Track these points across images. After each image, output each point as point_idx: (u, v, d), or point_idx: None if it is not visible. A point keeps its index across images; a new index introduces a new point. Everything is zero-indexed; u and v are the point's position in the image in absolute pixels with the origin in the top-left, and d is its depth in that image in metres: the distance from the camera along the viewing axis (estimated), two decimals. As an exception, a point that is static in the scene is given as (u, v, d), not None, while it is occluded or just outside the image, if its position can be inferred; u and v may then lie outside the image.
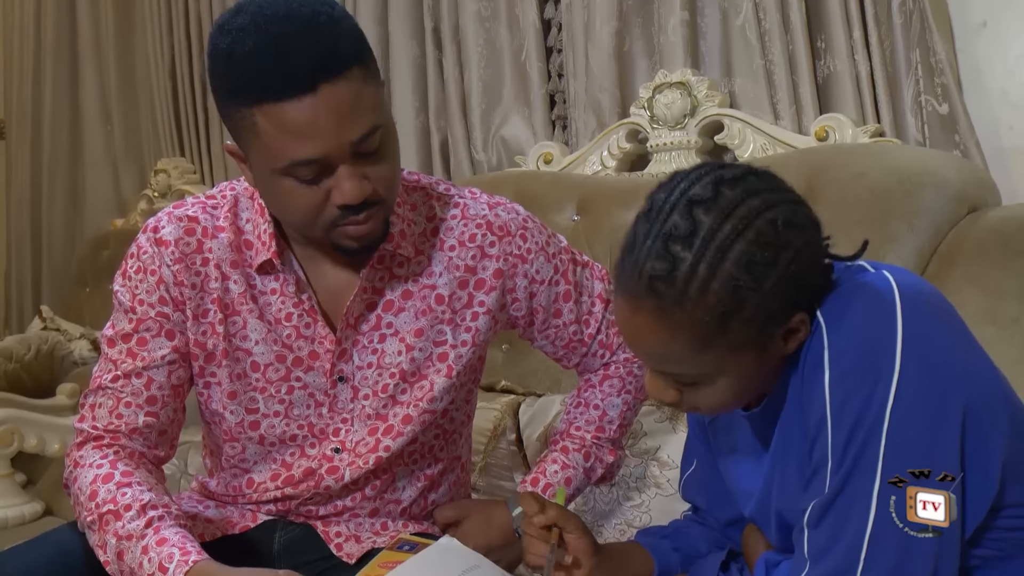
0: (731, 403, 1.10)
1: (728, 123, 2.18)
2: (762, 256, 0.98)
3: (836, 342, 1.00)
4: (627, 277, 1.02)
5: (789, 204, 1.02)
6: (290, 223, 1.27)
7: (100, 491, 1.22)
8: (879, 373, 0.96)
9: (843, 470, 0.98)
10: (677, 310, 0.99)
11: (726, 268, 0.97)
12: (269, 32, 1.10)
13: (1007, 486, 1.00)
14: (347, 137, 1.14)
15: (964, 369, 0.99)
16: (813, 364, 1.01)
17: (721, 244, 0.98)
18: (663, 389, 1.09)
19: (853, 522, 0.97)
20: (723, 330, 1.00)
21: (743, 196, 1.00)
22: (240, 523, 1.39)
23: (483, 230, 1.37)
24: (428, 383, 1.36)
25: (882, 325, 0.97)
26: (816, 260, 1.04)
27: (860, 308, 1.00)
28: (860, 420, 0.97)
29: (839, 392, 0.98)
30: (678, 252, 0.98)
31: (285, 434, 1.35)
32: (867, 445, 0.96)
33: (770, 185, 1.03)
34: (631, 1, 2.36)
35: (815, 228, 1.04)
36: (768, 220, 0.99)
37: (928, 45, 1.94)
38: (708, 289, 0.98)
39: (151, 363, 1.30)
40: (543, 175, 2.43)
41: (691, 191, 1.01)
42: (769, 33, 2.12)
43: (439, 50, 2.78)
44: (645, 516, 1.71)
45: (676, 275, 0.98)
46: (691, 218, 0.99)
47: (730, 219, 0.98)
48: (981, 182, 1.87)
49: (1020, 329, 1.59)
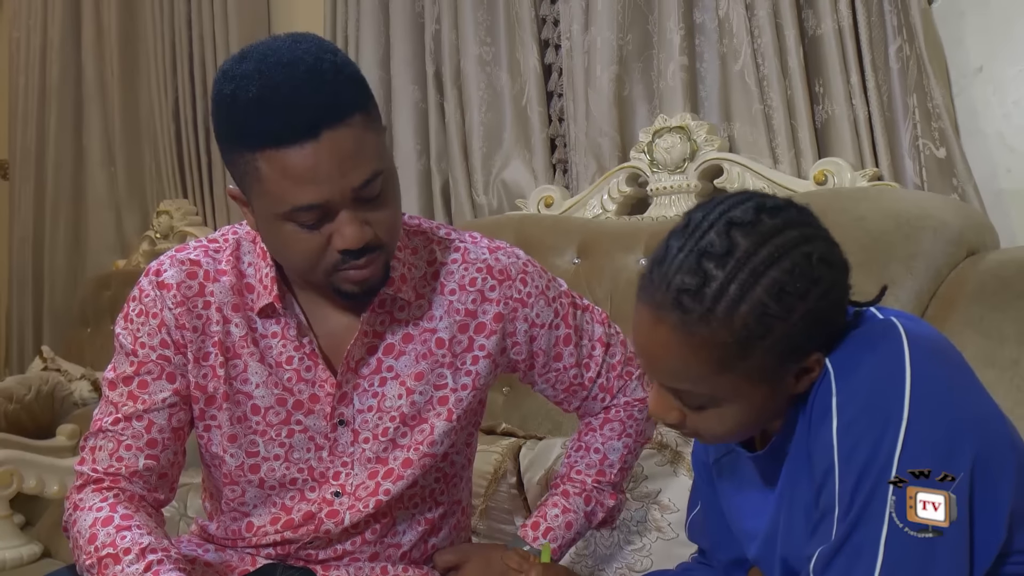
0: (733, 434, 1.09)
1: (727, 167, 2.20)
2: (794, 287, 0.97)
3: (844, 388, 0.99)
4: (654, 288, 1.01)
5: (825, 241, 1.02)
6: (291, 267, 1.28)
7: (99, 534, 1.22)
8: (887, 420, 0.96)
9: (850, 517, 0.97)
10: (701, 327, 0.98)
11: (757, 293, 0.97)
12: (273, 79, 1.11)
13: (1014, 532, 0.99)
14: (349, 183, 1.15)
15: (973, 417, 0.99)
16: (821, 409, 1.01)
17: (755, 268, 0.97)
18: (667, 409, 1.07)
19: (860, 569, 0.96)
20: (743, 355, 0.99)
21: (783, 226, 1.00)
22: (239, 567, 1.38)
23: (483, 274, 1.37)
24: (428, 427, 1.36)
25: (891, 372, 0.97)
26: (842, 302, 1.04)
27: (869, 354, 1.00)
28: (868, 467, 0.96)
29: (847, 439, 0.98)
30: (710, 269, 0.98)
31: (285, 477, 1.35)
32: (875, 492, 0.96)
33: (808, 220, 1.03)
34: (631, 46, 2.38)
35: (845, 270, 1.04)
36: (804, 253, 0.99)
37: (925, 90, 1.96)
38: (736, 311, 0.97)
39: (152, 406, 1.30)
40: (544, 218, 2.44)
41: (731, 212, 1.00)
42: (767, 78, 2.14)
43: (440, 94, 2.81)
44: (646, 560, 1.70)
45: (706, 291, 0.97)
46: (728, 238, 0.98)
47: (767, 245, 0.98)
48: (979, 225, 1.88)
49: (1020, 372, 1.59)
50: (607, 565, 1.75)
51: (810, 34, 2.13)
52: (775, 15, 2.12)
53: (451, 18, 2.73)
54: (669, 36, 2.28)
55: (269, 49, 1.15)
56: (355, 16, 2.96)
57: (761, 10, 2.13)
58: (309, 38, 1.17)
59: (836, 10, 2.06)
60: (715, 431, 1.08)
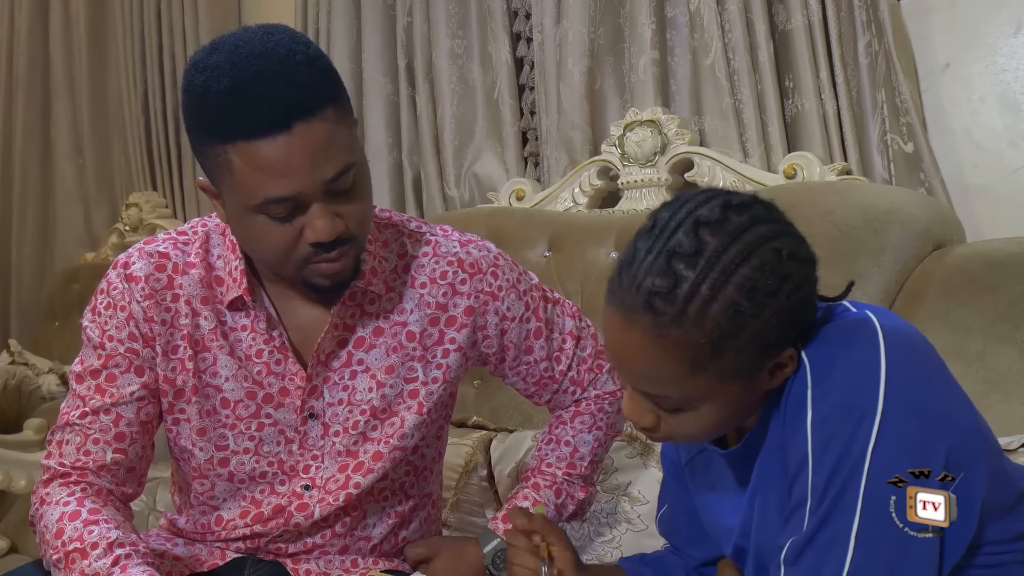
0: (708, 433, 1.09)
1: (698, 161, 2.21)
2: (765, 284, 0.97)
3: (820, 382, 1.00)
4: (623, 291, 1.00)
5: (794, 237, 1.02)
6: (262, 260, 1.27)
7: (67, 529, 1.21)
8: (862, 414, 0.96)
9: (822, 509, 0.97)
10: (673, 329, 0.97)
11: (729, 291, 0.96)
12: (245, 71, 1.11)
13: (985, 524, 1.00)
14: (321, 176, 1.15)
15: (946, 411, 0.99)
16: (796, 404, 1.01)
17: (726, 267, 0.97)
18: (642, 413, 1.07)
19: (831, 562, 0.97)
20: (716, 355, 0.98)
21: (750, 223, 0.99)
22: (208, 561, 1.38)
23: (454, 267, 1.37)
24: (399, 420, 1.35)
25: (865, 366, 0.97)
26: (812, 296, 1.04)
27: (844, 349, 1.00)
28: (841, 460, 0.96)
29: (821, 432, 0.98)
30: (681, 270, 0.97)
31: (255, 471, 1.34)
32: (848, 485, 0.96)
33: (776, 216, 1.03)
34: (602, 40, 2.39)
35: (814, 265, 1.04)
36: (773, 249, 0.98)
37: (893, 85, 1.98)
38: (708, 311, 0.97)
39: (120, 399, 1.29)
40: (515, 211, 2.44)
41: (698, 211, 1.00)
42: (738, 72, 2.16)
43: (412, 87, 2.80)
44: (616, 552, 1.71)
45: (677, 292, 0.97)
46: (697, 237, 0.98)
47: (736, 243, 0.97)
48: (946, 219, 1.90)
49: (985, 364, 1.61)
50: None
51: (780, 29, 2.15)
52: (746, 10, 2.14)
53: (423, 11, 2.72)
54: (641, 30, 2.29)
55: (241, 40, 1.14)
56: (326, 8, 2.95)
57: (732, 5, 2.14)
58: (281, 29, 1.17)
59: (806, 5, 2.07)
60: (691, 432, 1.08)
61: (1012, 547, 1.03)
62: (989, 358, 1.61)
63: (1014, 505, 1.04)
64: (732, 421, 1.09)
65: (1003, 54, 1.99)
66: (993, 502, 1.00)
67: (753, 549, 1.12)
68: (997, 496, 1.01)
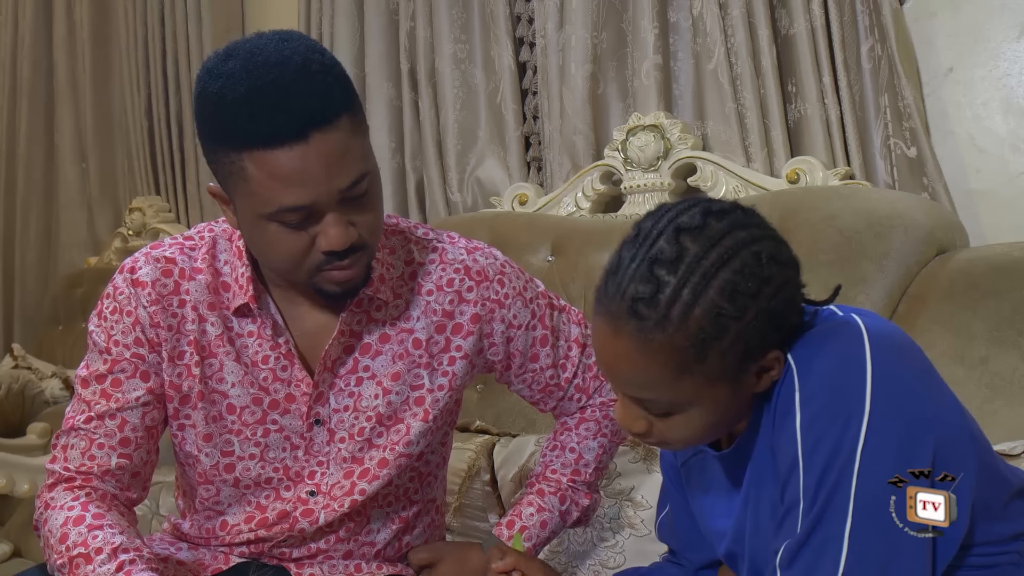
0: (700, 436, 1.10)
1: (701, 165, 2.21)
2: (745, 286, 0.99)
3: (807, 385, 1.01)
4: (609, 299, 1.02)
5: (773, 240, 1.04)
6: (273, 267, 1.27)
7: (71, 534, 1.21)
8: (849, 416, 0.97)
9: (815, 511, 0.98)
10: (657, 333, 0.99)
11: (710, 295, 0.98)
12: (262, 78, 1.10)
13: (976, 525, 1.01)
14: (336, 185, 1.15)
15: (933, 411, 1.00)
16: (784, 406, 1.02)
17: (706, 271, 0.99)
18: (633, 418, 1.08)
19: (826, 563, 0.98)
20: (701, 358, 1.00)
21: (730, 228, 1.01)
22: (212, 565, 1.38)
23: (461, 275, 1.37)
24: (404, 427, 1.36)
25: (852, 368, 0.99)
26: (795, 299, 1.06)
27: (830, 351, 1.01)
28: (831, 462, 0.97)
29: (810, 435, 0.99)
30: (663, 276, 0.99)
31: (260, 477, 1.34)
32: (838, 486, 0.97)
33: (755, 221, 1.05)
34: (605, 45, 2.39)
35: (795, 268, 1.06)
36: (753, 252, 1.00)
37: (896, 90, 1.98)
38: (690, 314, 0.98)
39: (125, 405, 1.29)
40: (518, 216, 2.45)
41: (679, 219, 1.02)
42: (741, 77, 2.16)
43: (415, 92, 2.81)
44: (619, 557, 1.71)
45: (659, 298, 0.99)
46: (678, 244, 1.00)
47: (716, 248, 0.99)
48: (949, 224, 1.90)
49: (988, 370, 1.61)
50: (580, 562, 1.75)
51: (783, 34, 2.15)
52: (748, 14, 2.14)
53: (426, 16, 2.72)
54: (643, 35, 2.29)
55: (256, 47, 1.13)
56: (329, 13, 2.95)
57: (735, 9, 2.14)
58: (296, 36, 1.16)
59: (809, 10, 2.08)
60: (682, 436, 1.09)
61: (1007, 548, 1.04)
62: (992, 363, 1.62)
63: (1008, 504, 1.05)
64: (722, 425, 1.10)
65: (1006, 59, 1.99)
66: (985, 500, 1.01)
67: (747, 552, 1.12)
68: (989, 494, 1.02)
